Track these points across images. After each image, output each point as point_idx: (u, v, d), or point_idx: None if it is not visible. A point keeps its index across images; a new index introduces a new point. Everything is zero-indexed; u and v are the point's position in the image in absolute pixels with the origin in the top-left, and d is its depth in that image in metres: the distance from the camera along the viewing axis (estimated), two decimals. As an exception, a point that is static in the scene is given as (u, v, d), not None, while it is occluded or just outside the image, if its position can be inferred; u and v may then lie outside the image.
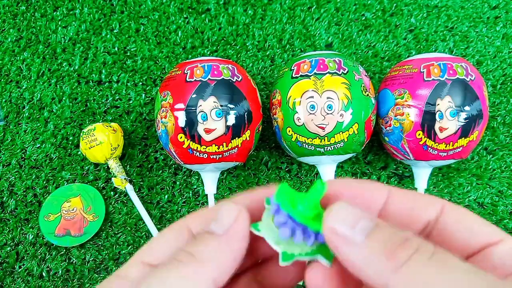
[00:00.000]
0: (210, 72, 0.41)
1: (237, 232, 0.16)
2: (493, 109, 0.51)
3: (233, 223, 0.16)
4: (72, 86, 0.53)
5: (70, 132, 0.51)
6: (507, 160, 0.49)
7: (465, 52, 0.54)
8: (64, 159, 0.50)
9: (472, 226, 0.16)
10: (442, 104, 0.39)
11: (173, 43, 0.54)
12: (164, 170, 0.49)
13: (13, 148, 0.50)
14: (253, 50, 0.54)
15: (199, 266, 0.15)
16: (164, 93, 0.42)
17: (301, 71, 0.41)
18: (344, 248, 0.15)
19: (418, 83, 0.40)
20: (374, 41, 0.54)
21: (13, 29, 0.55)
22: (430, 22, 0.55)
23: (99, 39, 0.55)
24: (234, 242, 0.16)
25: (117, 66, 0.53)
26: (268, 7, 0.56)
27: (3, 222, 0.47)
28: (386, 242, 0.14)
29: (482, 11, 0.56)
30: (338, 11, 0.56)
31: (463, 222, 0.16)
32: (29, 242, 0.46)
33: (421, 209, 0.16)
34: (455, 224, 0.16)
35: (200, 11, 0.56)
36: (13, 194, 0.48)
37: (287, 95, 0.41)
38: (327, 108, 0.39)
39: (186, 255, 0.15)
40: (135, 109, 0.52)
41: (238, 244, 0.16)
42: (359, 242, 0.14)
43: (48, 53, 0.54)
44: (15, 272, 0.45)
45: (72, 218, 0.46)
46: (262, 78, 0.53)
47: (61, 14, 0.56)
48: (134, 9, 0.56)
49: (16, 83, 0.53)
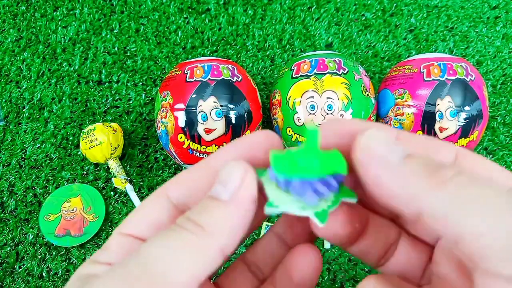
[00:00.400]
0: (210, 72, 0.41)
1: (245, 196, 0.14)
2: (493, 109, 0.51)
3: (239, 185, 0.14)
4: (72, 86, 0.53)
5: (70, 132, 0.51)
6: (507, 160, 0.49)
7: (465, 52, 0.54)
8: (64, 159, 0.50)
9: (491, 173, 0.14)
10: (442, 104, 0.39)
11: (173, 43, 0.54)
12: (164, 170, 0.49)
13: (13, 148, 0.50)
14: (253, 50, 0.54)
15: (207, 237, 0.14)
16: (164, 93, 0.42)
17: (301, 71, 0.41)
18: (379, 169, 0.14)
19: (418, 83, 0.40)
20: (374, 41, 0.54)
21: (13, 29, 0.55)
22: (430, 22, 0.55)
23: (99, 39, 0.55)
24: (242, 208, 0.14)
25: (117, 66, 0.53)
26: (268, 7, 0.56)
27: (3, 222, 0.47)
28: (425, 163, 0.13)
29: (482, 11, 0.56)
30: (338, 11, 0.56)
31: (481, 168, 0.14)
32: (29, 242, 0.46)
33: (436, 152, 0.15)
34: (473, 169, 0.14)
35: (200, 11, 0.56)
36: (13, 194, 0.48)
37: (287, 95, 0.41)
38: (327, 108, 0.39)
39: (192, 224, 0.14)
40: (135, 109, 0.52)
41: (246, 209, 0.14)
42: (397, 162, 0.13)
43: (48, 53, 0.54)
44: (15, 272, 0.45)
45: (72, 218, 0.46)
46: (262, 78, 0.53)
47: (61, 14, 0.56)
48: (134, 9, 0.56)
49: (16, 83, 0.53)
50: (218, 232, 0.14)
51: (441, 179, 0.13)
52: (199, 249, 0.13)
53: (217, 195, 0.15)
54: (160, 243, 0.14)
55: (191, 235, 0.14)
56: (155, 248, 0.13)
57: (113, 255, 0.16)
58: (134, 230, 0.16)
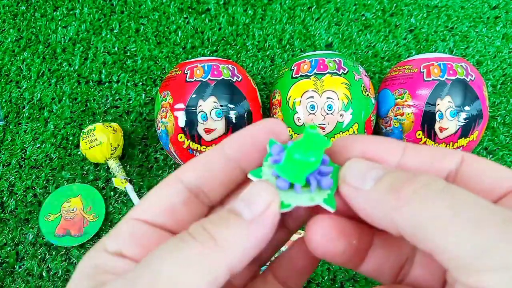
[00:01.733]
0: (210, 72, 0.41)
1: (268, 220, 0.14)
2: (493, 109, 0.51)
3: (264, 210, 0.14)
4: (72, 86, 0.53)
5: (70, 132, 0.51)
6: (507, 160, 0.49)
7: (465, 52, 0.54)
8: (64, 159, 0.50)
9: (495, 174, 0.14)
10: (442, 104, 0.39)
11: (173, 43, 0.54)
12: (164, 170, 0.49)
13: (13, 148, 0.50)
14: (253, 50, 0.54)
15: (219, 251, 0.13)
16: (164, 93, 0.42)
17: (301, 71, 0.41)
18: (353, 198, 0.15)
19: (418, 83, 0.40)
20: (374, 41, 0.54)
21: (13, 29, 0.55)
22: (430, 22, 0.55)
23: (99, 39, 0.55)
24: (262, 231, 0.14)
25: (117, 66, 0.53)
26: (268, 7, 0.56)
27: (3, 222, 0.47)
28: (392, 182, 0.14)
29: (482, 11, 0.56)
30: (338, 11, 0.56)
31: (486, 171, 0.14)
32: (29, 242, 0.46)
33: (440, 161, 0.15)
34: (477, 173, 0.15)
35: (200, 11, 0.56)
36: (13, 194, 0.48)
37: (287, 95, 0.41)
38: (327, 108, 0.39)
39: (205, 235, 0.13)
40: (135, 109, 0.52)
41: (265, 233, 0.14)
42: (368, 188, 0.14)
43: (48, 53, 0.54)
44: (15, 272, 0.45)
45: (72, 218, 0.46)
46: (262, 78, 0.53)
47: (61, 14, 0.56)
48: (134, 9, 0.56)
49: (16, 83, 0.53)
50: (231, 249, 0.13)
51: (404, 196, 0.13)
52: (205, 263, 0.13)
53: (239, 211, 0.14)
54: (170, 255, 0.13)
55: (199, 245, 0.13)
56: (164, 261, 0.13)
57: (124, 242, 0.15)
58: (147, 216, 0.16)
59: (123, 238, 0.15)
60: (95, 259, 0.15)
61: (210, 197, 0.17)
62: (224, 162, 0.16)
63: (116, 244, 0.15)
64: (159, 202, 0.16)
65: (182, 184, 0.16)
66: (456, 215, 0.12)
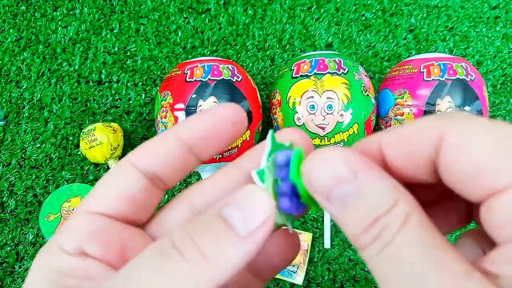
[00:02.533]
0: (210, 72, 0.41)
1: (260, 237, 0.13)
2: (493, 109, 0.51)
3: (260, 227, 0.13)
4: (72, 86, 0.53)
5: (70, 132, 0.51)
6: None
7: (465, 52, 0.54)
8: (64, 159, 0.50)
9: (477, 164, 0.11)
10: (442, 104, 0.39)
11: (173, 43, 0.54)
12: (164, 170, 0.49)
13: (13, 148, 0.50)
14: (253, 50, 0.54)
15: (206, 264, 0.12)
16: (164, 93, 0.42)
17: (301, 71, 0.41)
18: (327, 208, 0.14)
19: (418, 83, 0.40)
20: (374, 41, 0.54)
21: (13, 29, 0.55)
22: (430, 22, 0.55)
23: (99, 39, 0.55)
24: (254, 248, 0.13)
25: (117, 66, 0.53)
26: (268, 7, 0.56)
27: (3, 222, 0.47)
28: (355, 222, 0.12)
29: (482, 11, 0.56)
30: (338, 11, 0.56)
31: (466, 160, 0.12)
32: (29, 242, 0.46)
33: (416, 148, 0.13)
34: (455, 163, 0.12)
35: (200, 11, 0.56)
36: (13, 194, 0.48)
37: (287, 95, 0.41)
38: (327, 108, 0.39)
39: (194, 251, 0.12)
40: (135, 109, 0.52)
41: (255, 249, 0.13)
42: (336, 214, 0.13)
43: (48, 53, 0.54)
44: (15, 272, 0.45)
45: (72, 218, 0.46)
46: (262, 78, 0.53)
47: (61, 14, 0.56)
48: (134, 9, 0.56)
49: (16, 83, 0.53)
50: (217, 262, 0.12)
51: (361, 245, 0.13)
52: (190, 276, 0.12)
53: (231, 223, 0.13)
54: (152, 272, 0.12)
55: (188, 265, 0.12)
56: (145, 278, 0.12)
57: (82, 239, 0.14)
58: (103, 207, 0.14)
59: (81, 235, 0.14)
60: (53, 261, 0.14)
61: (166, 182, 0.16)
62: (179, 147, 0.15)
63: (73, 242, 0.14)
64: (114, 192, 0.15)
65: (136, 169, 0.15)
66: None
